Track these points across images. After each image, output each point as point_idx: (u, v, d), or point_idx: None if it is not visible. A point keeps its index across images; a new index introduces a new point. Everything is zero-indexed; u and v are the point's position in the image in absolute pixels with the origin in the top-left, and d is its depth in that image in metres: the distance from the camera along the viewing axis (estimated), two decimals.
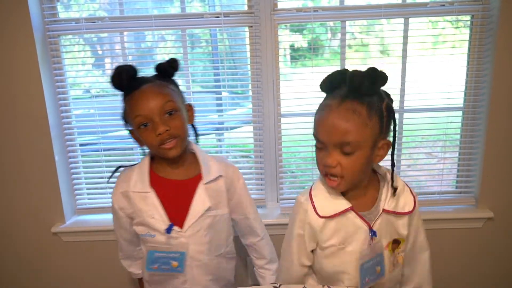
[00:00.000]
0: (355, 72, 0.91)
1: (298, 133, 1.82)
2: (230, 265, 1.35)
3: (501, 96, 1.66)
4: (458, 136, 1.81)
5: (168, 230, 1.14)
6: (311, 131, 0.98)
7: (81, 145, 1.86)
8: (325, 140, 0.94)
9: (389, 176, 1.04)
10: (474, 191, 1.83)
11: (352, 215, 1.01)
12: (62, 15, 1.74)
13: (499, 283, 1.88)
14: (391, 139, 0.99)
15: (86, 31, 1.70)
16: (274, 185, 1.85)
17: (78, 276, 1.90)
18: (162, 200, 1.16)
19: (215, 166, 1.22)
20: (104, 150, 1.84)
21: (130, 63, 1.11)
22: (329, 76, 0.97)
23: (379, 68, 0.92)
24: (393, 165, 1.03)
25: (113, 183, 1.87)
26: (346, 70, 0.94)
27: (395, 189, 1.03)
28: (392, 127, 0.98)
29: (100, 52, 1.94)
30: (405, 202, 1.04)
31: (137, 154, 1.86)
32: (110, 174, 1.26)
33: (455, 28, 1.77)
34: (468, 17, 1.69)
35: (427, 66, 1.72)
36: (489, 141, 1.71)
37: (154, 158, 1.21)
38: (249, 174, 1.92)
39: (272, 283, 1.06)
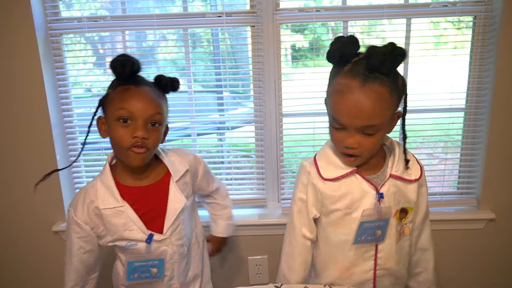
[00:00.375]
0: (375, 49, 0.87)
1: (299, 133, 1.81)
2: (200, 249, 1.34)
3: (503, 97, 1.65)
4: (460, 137, 1.81)
5: (149, 240, 1.11)
6: (313, 131, 0.97)
7: (82, 144, 1.85)
8: (348, 123, 0.92)
9: (396, 146, 1.06)
10: (475, 192, 1.82)
11: (357, 178, 1.01)
12: (64, 14, 1.74)
13: (500, 284, 1.88)
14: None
15: (88, 30, 1.70)
16: (275, 185, 1.85)
17: None
18: (136, 211, 1.11)
19: (178, 161, 1.21)
20: (105, 149, 1.84)
21: (137, 59, 1.08)
22: (338, 45, 0.92)
23: (397, 44, 0.88)
24: (404, 137, 1.04)
25: None
26: (356, 40, 0.91)
27: (407, 161, 1.04)
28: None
29: (101, 51, 1.94)
30: (412, 171, 1.06)
31: None
32: (41, 178, 1.18)
33: (457, 29, 1.77)
34: (470, 18, 1.69)
35: (429, 67, 1.71)
36: (491, 142, 1.70)
37: (114, 168, 1.16)
38: (250, 174, 1.92)
39: (273, 283, 1.05)
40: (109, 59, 1.93)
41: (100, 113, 1.13)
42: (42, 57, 1.65)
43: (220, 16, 1.68)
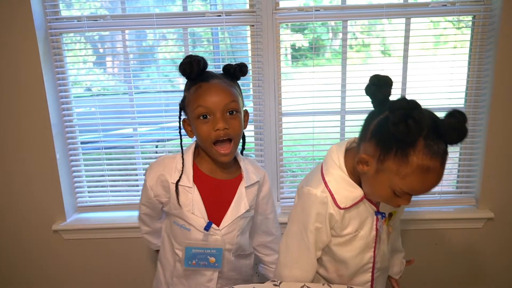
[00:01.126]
0: (448, 123, 0.87)
1: (298, 132, 1.82)
2: (249, 261, 1.35)
3: (502, 97, 1.66)
4: None
5: (207, 228, 1.14)
6: (312, 130, 0.96)
7: (82, 143, 1.86)
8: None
9: None
10: (474, 191, 1.83)
11: (365, 202, 1.01)
12: (64, 13, 1.75)
13: (499, 283, 1.88)
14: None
15: (88, 29, 1.71)
16: (275, 184, 1.85)
17: (78, 274, 1.91)
18: (202, 197, 1.16)
19: (252, 170, 1.24)
20: (105, 148, 1.85)
21: (202, 56, 1.12)
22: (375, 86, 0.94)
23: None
24: None
25: (114, 181, 1.88)
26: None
27: None
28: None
29: (101, 50, 1.94)
30: None
31: (138, 153, 1.86)
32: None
33: (456, 28, 1.77)
34: (469, 18, 1.69)
35: (428, 67, 1.71)
36: (490, 142, 1.71)
37: (198, 152, 1.21)
38: None
39: (271, 281, 1.06)
40: (109, 58, 1.94)
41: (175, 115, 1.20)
42: (42, 56, 1.65)
43: (219, 16, 1.68)
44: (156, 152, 1.94)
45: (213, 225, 1.16)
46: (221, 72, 1.18)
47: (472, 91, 1.73)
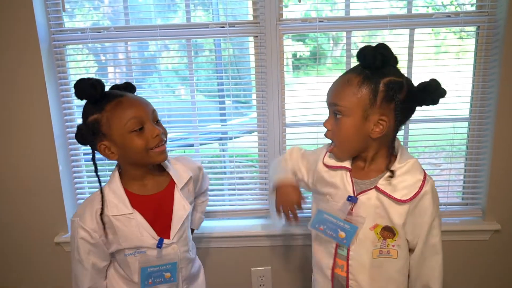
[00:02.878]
0: (364, 47, 0.98)
1: (303, 143, 1.80)
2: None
3: (508, 107, 1.65)
4: (464, 147, 1.79)
5: (160, 245, 1.13)
6: (316, 141, 1.01)
7: (84, 154, 1.86)
8: (326, 100, 1.06)
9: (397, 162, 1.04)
10: (481, 203, 1.80)
11: (347, 176, 1.07)
12: (68, 24, 1.75)
13: None
14: None
15: (92, 41, 1.71)
16: None
17: None
18: (145, 217, 1.14)
19: (182, 168, 1.24)
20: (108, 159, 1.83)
21: (92, 77, 1.07)
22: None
23: (388, 46, 0.98)
24: (392, 141, 1.05)
25: None
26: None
27: (391, 172, 1.02)
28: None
29: (103, 60, 1.94)
30: (406, 188, 1.01)
31: None
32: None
33: (460, 38, 1.76)
34: (473, 28, 1.68)
35: (432, 77, 1.70)
36: (496, 152, 1.69)
37: (124, 175, 1.17)
38: (252, 184, 1.91)
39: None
40: (111, 69, 1.94)
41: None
42: (45, 68, 1.65)
43: (223, 27, 1.68)
44: None
45: (165, 240, 1.15)
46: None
47: (477, 101, 1.72)
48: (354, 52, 1.73)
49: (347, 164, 1.08)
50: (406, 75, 1.73)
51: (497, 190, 1.73)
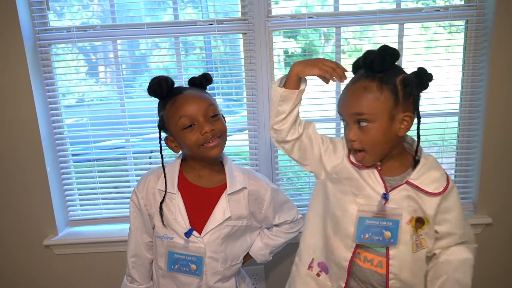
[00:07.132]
0: (367, 52, 1.00)
1: None
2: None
3: (497, 101, 1.65)
4: (455, 142, 1.80)
5: (188, 234, 1.15)
6: None
7: (73, 155, 1.83)
8: (343, 113, 1.05)
9: (422, 156, 1.07)
10: (472, 197, 1.81)
11: (375, 174, 1.06)
12: (56, 23, 1.71)
13: None
14: None
15: (78, 40, 1.68)
16: None
17: None
18: (186, 204, 1.18)
19: (240, 178, 1.23)
20: (97, 160, 1.81)
21: (167, 76, 1.15)
22: (356, 60, 1.06)
23: (390, 46, 0.99)
24: (418, 138, 1.08)
25: (106, 193, 1.85)
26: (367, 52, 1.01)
27: (416, 162, 1.06)
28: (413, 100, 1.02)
29: (94, 60, 1.91)
30: (435, 182, 1.05)
31: (130, 164, 1.83)
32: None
33: (449, 33, 1.76)
34: (462, 22, 1.69)
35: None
36: (486, 146, 1.70)
37: (186, 162, 1.23)
38: None
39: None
40: (101, 69, 1.91)
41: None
42: (30, 68, 1.62)
43: (211, 24, 1.66)
44: (150, 164, 1.91)
45: (195, 232, 1.16)
46: (187, 86, 1.22)
47: (467, 95, 1.72)
48: (345, 48, 1.73)
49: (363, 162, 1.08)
50: None
51: (488, 184, 1.74)
